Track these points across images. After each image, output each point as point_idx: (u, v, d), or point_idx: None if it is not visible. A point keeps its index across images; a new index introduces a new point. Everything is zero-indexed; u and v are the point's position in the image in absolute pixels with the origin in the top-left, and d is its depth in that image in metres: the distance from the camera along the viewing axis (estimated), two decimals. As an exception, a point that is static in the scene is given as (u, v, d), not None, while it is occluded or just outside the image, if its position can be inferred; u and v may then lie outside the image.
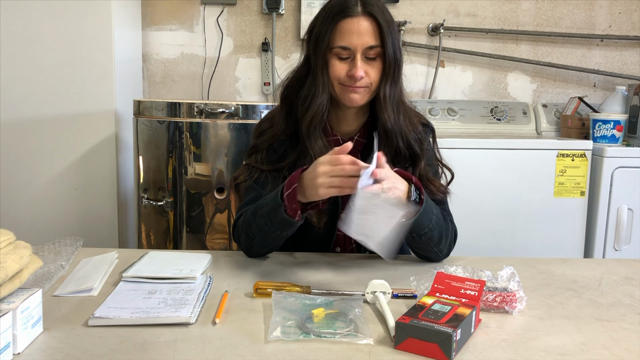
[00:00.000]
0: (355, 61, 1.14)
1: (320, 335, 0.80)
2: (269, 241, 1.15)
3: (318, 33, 1.16)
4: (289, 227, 1.08)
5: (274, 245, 1.17)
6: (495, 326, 0.86)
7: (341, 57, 1.15)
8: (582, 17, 2.70)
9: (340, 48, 1.14)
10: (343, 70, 1.15)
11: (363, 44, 1.13)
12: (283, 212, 1.04)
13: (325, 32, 1.14)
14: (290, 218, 1.04)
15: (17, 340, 0.74)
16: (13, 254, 0.78)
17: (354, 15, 1.13)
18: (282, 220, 1.06)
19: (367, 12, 1.13)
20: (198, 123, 1.94)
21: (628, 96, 2.29)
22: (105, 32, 2.13)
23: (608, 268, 1.19)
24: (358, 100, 1.17)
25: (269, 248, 1.19)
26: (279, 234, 1.10)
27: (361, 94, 1.17)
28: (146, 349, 0.76)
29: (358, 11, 1.13)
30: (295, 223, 1.06)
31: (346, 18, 1.13)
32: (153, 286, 0.97)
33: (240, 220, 1.18)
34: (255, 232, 1.12)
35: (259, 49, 2.64)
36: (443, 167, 1.29)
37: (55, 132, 2.15)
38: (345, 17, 1.13)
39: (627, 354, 0.78)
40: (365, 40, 1.13)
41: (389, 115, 1.18)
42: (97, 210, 2.20)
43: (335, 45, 1.14)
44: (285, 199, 1.03)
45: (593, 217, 2.13)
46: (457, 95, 2.73)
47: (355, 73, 1.13)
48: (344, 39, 1.13)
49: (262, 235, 1.12)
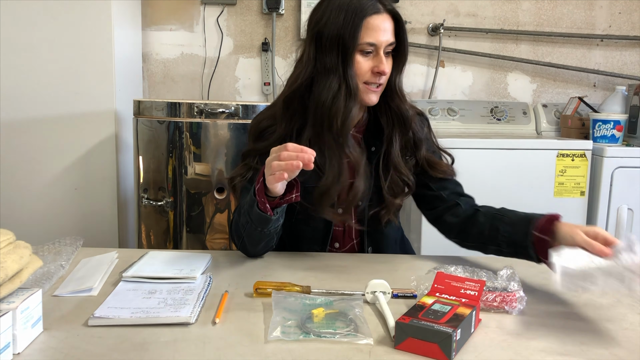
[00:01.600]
0: (380, 57, 1.16)
1: (320, 335, 0.80)
2: (255, 239, 1.14)
3: (341, 31, 1.14)
4: (266, 223, 1.09)
5: (264, 243, 1.16)
6: (495, 326, 0.86)
7: (366, 53, 1.16)
8: (582, 17, 2.70)
9: (367, 44, 1.15)
10: (368, 66, 1.16)
11: (387, 40, 1.16)
12: (256, 207, 1.06)
13: (352, 29, 1.13)
14: (263, 213, 1.06)
15: (17, 340, 0.74)
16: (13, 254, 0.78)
17: (380, 13, 1.15)
18: (257, 216, 1.07)
19: (388, 10, 1.17)
20: (198, 123, 1.94)
21: (628, 96, 2.29)
22: (105, 32, 2.13)
23: (608, 268, 1.18)
24: (375, 101, 1.21)
25: (260, 246, 1.18)
26: (260, 230, 1.10)
27: (378, 94, 1.20)
28: (146, 349, 0.76)
29: (381, 8, 1.15)
30: (269, 218, 1.07)
31: (373, 15, 1.14)
32: (153, 286, 0.97)
33: (233, 221, 1.20)
34: (242, 231, 1.13)
35: (259, 49, 2.64)
36: (443, 152, 1.33)
37: (55, 132, 2.15)
38: (372, 14, 1.14)
39: (627, 354, 0.78)
40: (388, 37, 1.16)
41: (405, 104, 1.24)
42: (97, 210, 2.20)
43: (363, 42, 1.14)
44: (257, 194, 1.05)
45: (593, 217, 2.13)
46: (457, 95, 2.73)
47: (383, 69, 1.15)
48: (372, 35, 1.14)
49: (247, 233, 1.13)
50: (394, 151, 1.23)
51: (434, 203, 1.30)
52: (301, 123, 1.22)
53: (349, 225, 1.28)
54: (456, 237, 1.26)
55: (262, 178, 1.05)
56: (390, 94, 1.23)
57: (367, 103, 1.20)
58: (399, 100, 1.23)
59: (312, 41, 1.18)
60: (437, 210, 1.29)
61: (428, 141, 1.31)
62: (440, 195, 1.28)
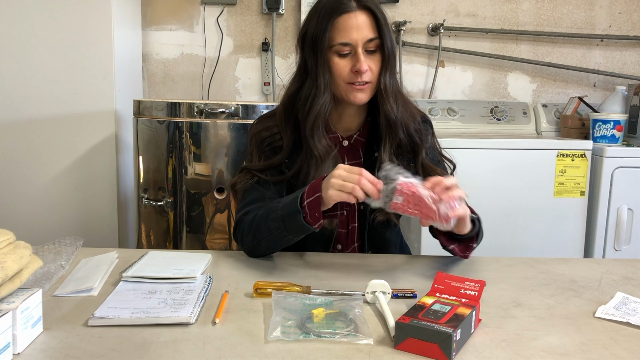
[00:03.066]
0: (357, 55, 1.14)
1: (320, 335, 0.80)
2: (278, 244, 1.14)
3: (314, 33, 1.15)
4: (304, 233, 1.09)
5: (281, 246, 1.17)
6: (495, 326, 0.86)
7: (342, 54, 1.15)
8: (582, 17, 2.70)
9: (340, 45, 1.14)
10: (346, 67, 1.15)
11: (363, 38, 1.14)
12: (301, 218, 1.04)
13: (323, 31, 1.14)
14: (308, 225, 1.05)
15: (17, 340, 0.74)
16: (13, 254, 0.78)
17: (350, 11, 1.13)
18: (299, 226, 1.06)
19: (362, 6, 1.14)
20: (198, 123, 1.94)
21: (628, 96, 2.29)
22: (105, 32, 2.13)
23: (608, 268, 1.19)
24: (364, 99, 1.18)
25: (274, 249, 1.19)
26: (291, 238, 1.10)
27: (366, 92, 1.18)
28: (146, 349, 0.76)
29: (353, 6, 1.14)
30: (313, 230, 1.07)
31: (343, 14, 1.13)
32: (153, 286, 0.97)
33: (248, 220, 1.17)
34: (265, 234, 1.12)
35: (259, 49, 2.64)
36: (444, 159, 1.31)
37: (55, 132, 2.15)
38: (341, 13, 1.13)
39: (627, 354, 0.78)
40: (364, 34, 1.14)
41: (392, 105, 1.19)
42: (97, 210, 2.20)
43: (336, 43, 1.14)
44: (306, 206, 1.03)
45: (593, 217, 2.13)
46: (457, 95, 2.73)
47: (360, 67, 1.14)
48: (344, 35, 1.13)
49: (272, 237, 1.11)
50: (383, 154, 1.21)
51: None
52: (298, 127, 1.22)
53: (351, 227, 1.28)
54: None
55: (317, 193, 1.03)
56: (379, 94, 1.20)
57: (355, 102, 1.19)
58: (384, 100, 1.19)
59: (299, 45, 1.21)
60: None
61: (431, 147, 1.29)
62: None
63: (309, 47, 1.17)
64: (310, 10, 1.19)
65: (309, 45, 1.17)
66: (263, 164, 1.23)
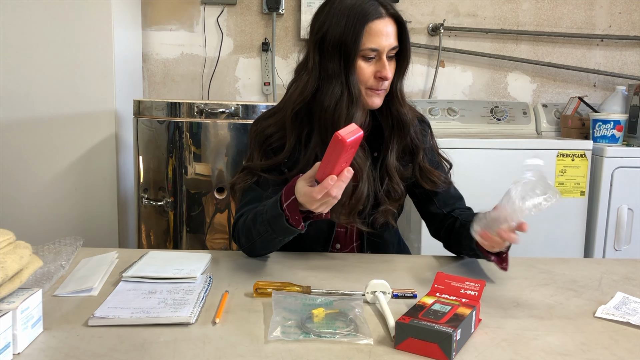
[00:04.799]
0: (382, 62, 1.15)
1: (320, 335, 0.80)
2: (271, 245, 1.14)
3: (343, 37, 1.13)
4: (292, 235, 1.08)
5: (276, 247, 1.17)
6: (495, 326, 0.86)
7: (368, 58, 1.15)
8: (582, 17, 2.70)
9: (369, 50, 1.14)
10: (370, 72, 1.16)
11: (389, 45, 1.15)
12: (284, 221, 1.03)
13: (355, 35, 1.12)
14: (292, 227, 1.04)
15: (17, 340, 0.74)
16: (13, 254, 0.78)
17: (381, 17, 1.14)
18: (284, 229, 1.05)
19: (390, 14, 1.15)
20: (198, 123, 1.94)
21: (628, 96, 2.29)
22: (105, 32, 2.13)
23: (608, 268, 1.19)
24: (379, 103, 1.20)
25: (270, 250, 1.19)
26: (280, 239, 1.10)
27: (382, 97, 1.20)
28: (146, 349, 0.76)
29: (383, 12, 1.14)
30: (298, 232, 1.06)
31: (375, 20, 1.13)
32: (153, 286, 0.97)
33: (240, 223, 1.17)
34: (256, 237, 1.12)
35: (259, 49, 2.64)
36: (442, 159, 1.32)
37: (55, 132, 2.15)
38: (374, 19, 1.13)
39: (627, 354, 0.78)
40: (391, 42, 1.15)
41: (405, 109, 1.23)
42: (97, 210, 2.20)
43: (365, 48, 1.13)
44: (286, 209, 1.02)
45: (593, 217, 2.13)
46: (457, 95, 2.73)
47: (386, 74, 1.15)
48: (374, 40, 1.13)
49: (263, 240, 1.11)
50: (390, 157, 1.22)
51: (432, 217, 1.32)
52: (309, 129, 1.21)
53: (351, 227, 1.28)
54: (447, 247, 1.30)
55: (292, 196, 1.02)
56: (392, 97, 1.22)
57: (371, 106, 1.20)
58: (399, 104, 1.22)
59: (316, 47, 1.17)
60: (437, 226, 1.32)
61: (430, 149, 1.30)
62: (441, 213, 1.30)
63: (334, 50, 1.14)
64: (328, 11, 1.16)
65: (333, 48, 1.14)
66: (264, 163, 1.22)
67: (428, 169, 1.26)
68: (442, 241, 1.31)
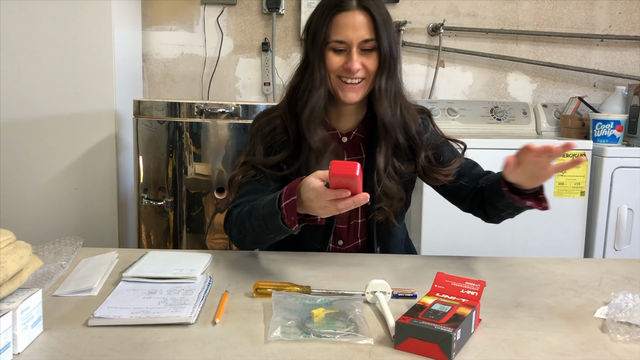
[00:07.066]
0: (351, 54, 1.15)
1: (320, 335, 0.80)
2: (262, 240, 1.14)
3: (315, 28, 1.18)
4: (284, 234, 1.08)
5: (266, 243, 1.17)
6: (495, 326, 0.86)
7: (337, 50, 1.17)
8: (582, 17, 2.70)
9: (336, 42, 1.15)
10: (339, 62, 1.17)
11: (358, 38, 1.15)
12: (279, 220, 1.02)
13: (321, 26, 1.16)
14: (286, 227, 1.02)
15: (17, 340, 0.74)
16: (13, 254, 0.78)
17: (348, 9, 1.15)
18: (277, 227, 1.04)
19: (361, 6, 1.15)
20: (198, 123, 1.94)
21: (628, 96, 2.29)
22: (105, 32, 2.13)
23: (608, 268, 1.19)
24: (354, 98, 1.19)
25: (260, 245, 1.19)
26: (272, 237, 1.10)
27: (357, 91, 1.18)
28: (146, 349, 0.76)
29: (353, 5, 1.15)
30: (291, 232, 1.04)
31: (341, 12, 1.15)
32: (153, 286, 0.97)
33: (235, 214, 1.17)
34: (249, 230, 1.11)
35: (259, 49, 2.64)
36: (452, 141, 1.31)
37: (55, 132, 2.15)
38: (340, 11, 1.15)
39: (627, 354, 0.78)
40: (360, 34, 1.14)
41: (385, 109, 1.19)
42: (97, 210, 2.20)
43: (331, 40, 1.16)
44: (283, 209, 1.01)
45: (593, 217, 2.13)
46: (457, 95, 2.73)
47: (351, 66, 1.15)
48: (340, 32, 1.15)
49: (255, 234, 1.11)
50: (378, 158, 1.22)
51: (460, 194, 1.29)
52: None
53: (354, 223, 1.28)
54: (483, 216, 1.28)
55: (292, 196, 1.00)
56: (374, 95, 1.20)
57: (345, 101, 1.19)
58: (378, 102, 1.19)
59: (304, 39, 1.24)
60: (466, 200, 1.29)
61: (433, 137, 1.29)
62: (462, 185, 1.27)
63: (310, 41, 1.20)
64: (317, 4, 1.22)
65: (310, 39, 1.20)
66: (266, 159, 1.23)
67: (431, 169, 1.25)
68: (478, 214, 1.28)
